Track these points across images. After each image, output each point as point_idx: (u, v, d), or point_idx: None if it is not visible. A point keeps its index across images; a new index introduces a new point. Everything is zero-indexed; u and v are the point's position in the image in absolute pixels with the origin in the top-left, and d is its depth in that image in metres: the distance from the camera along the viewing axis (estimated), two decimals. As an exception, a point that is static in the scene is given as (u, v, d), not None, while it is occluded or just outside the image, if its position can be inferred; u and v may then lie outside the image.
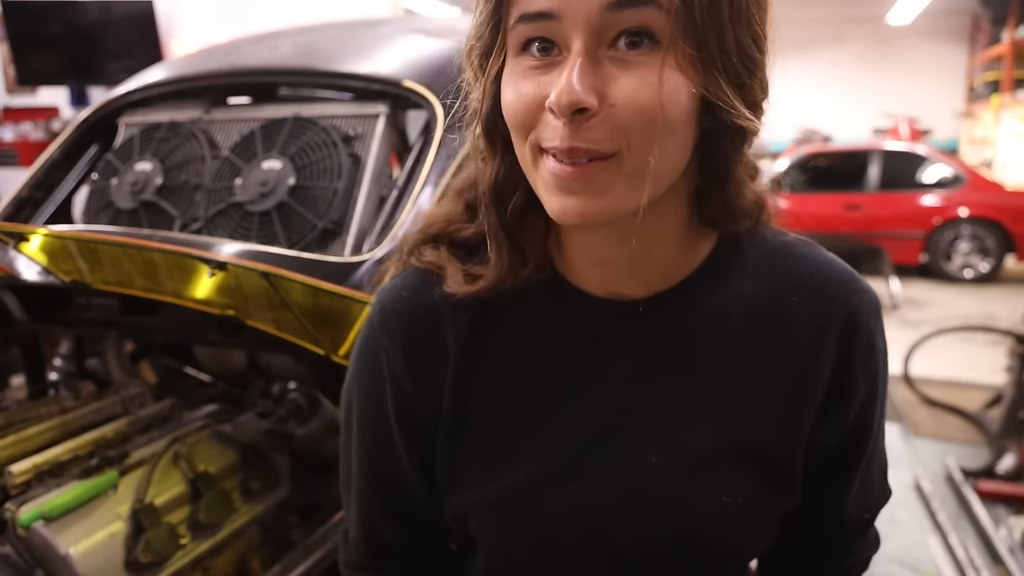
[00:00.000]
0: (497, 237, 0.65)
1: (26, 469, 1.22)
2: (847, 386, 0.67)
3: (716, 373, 0.66)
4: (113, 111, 1.80)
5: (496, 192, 0.64)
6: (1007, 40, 9.04)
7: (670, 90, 0.53)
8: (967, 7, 10.96)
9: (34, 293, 1.51)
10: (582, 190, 0.55)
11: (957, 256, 7.07)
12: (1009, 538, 2.58)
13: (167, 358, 1.94)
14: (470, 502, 0.68)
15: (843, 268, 0.68)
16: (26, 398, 1.68)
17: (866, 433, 0.70)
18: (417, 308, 0.68)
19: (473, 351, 0.67)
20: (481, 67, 0.61)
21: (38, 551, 1.13)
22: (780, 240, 0.69)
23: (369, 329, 0.70)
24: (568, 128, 0.53)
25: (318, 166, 1.49)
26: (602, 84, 0.53)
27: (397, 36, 1.72)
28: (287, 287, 1.15)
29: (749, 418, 0.66)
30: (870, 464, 0.72)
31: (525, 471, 0.66)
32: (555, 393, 0.67)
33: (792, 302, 0.66)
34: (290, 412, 1.52)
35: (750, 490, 0.65)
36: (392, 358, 0.68)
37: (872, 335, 0.67)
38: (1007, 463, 3.01)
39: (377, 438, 0.71)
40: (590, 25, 0.52)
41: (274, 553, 1.46)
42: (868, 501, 0.75)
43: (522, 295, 0.66)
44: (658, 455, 0.65)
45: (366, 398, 0.71)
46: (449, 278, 0.66)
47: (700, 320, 0.66)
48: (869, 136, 10.47)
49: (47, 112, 5.96)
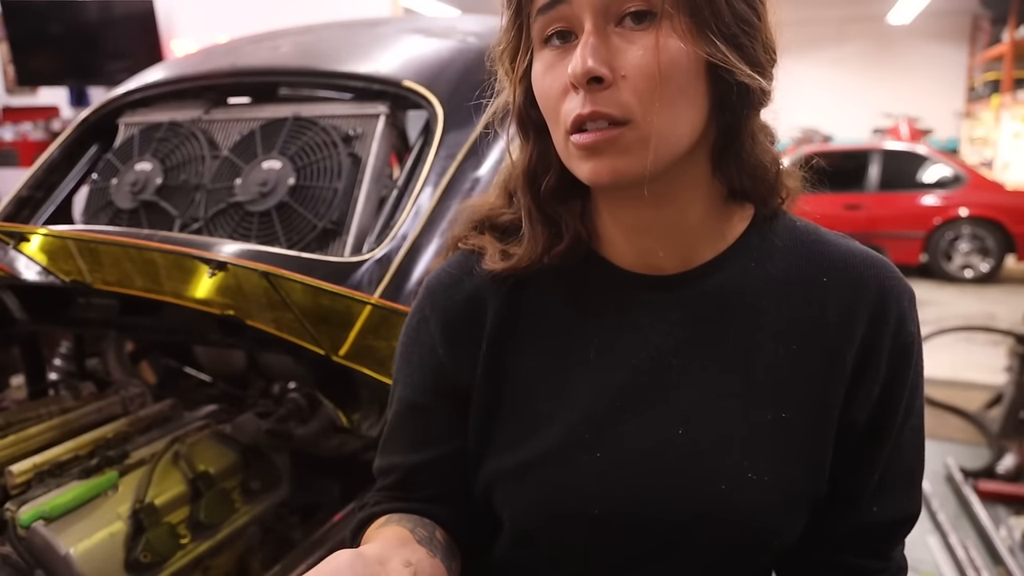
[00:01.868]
0: (531, 215, 0.71)
1: (26, 469, 1.22)
2: (872, 362, 0.67)
3: (746, 350, 0.68)
4: (113, 111, 1.80)
5: (530, 174, 0.70)
6: (1007, 40, 9.04)
7: (669, 56, 0.59)
8: (967, 7, 10.97)
9: (34, 293, 1.51)
10: (608, 150, 0.60)
11: (957, 256, 7.07)
12: (1009, 538, 2.58)
13: (167, 358, 1.94)
14: (500, 467, 0.70)
15: (876, 255, 0.70)
16: (26, 398, 1.68)
17: (891, 415, 0.68)
18: (458, 282, 0.74)
19: (508, 322, 0.72)
20: (512, 65, 0.68)
21: (38, 551, 1.13)
22: (811, 228, 0.72)
23: (416, 302, 0.77)
24: (587, 96, 0.59)
25: (318, 166, 1.49)
26: (612, 56, 0.59)
27: (397, 36, 1.72)
28: (287, 287, 1.15)
29: (777, 395, 0.67)
30: (896, 456, 0.70)
31: (556, 437, 0.68)
32: (586, 363, 0.70)
33: (823, 283, 0.68)
34: (290, 412, 1.52)
35: (777, 467, 0.66)
36: (431, 325, 0.74)
37: (903, 317, 0.68)
38: (1007, 463, 3.01)
39: (407, 397, 0.76)
40: (595, 4, 0.59)
41: (274, 553, 1.46)
42: (891, 504, 0.71)
43: (557, 271, 0.71)
44: (685, 427, 0.67)
45: (404, 363, 0.77)
46: (488, 256, 0.72)
47: (732, 297, 0.68)
48: (869, 136, 10.47)
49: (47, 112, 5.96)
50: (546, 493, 0.68)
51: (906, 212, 7.17)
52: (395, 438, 0.77)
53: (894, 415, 0.69)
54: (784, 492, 0.66)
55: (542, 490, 0.68)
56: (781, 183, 0.70)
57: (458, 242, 0.76)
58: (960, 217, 7.01)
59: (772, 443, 0.66)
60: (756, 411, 0.67)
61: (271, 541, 1.48)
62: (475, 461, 0.73)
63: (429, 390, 0.74)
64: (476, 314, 0.73)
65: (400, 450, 0.77)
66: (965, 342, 4.93)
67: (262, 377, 1.71)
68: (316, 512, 1.57)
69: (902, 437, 0.70)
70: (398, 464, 0.76)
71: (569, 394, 0.69)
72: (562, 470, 0.68)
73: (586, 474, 0.67)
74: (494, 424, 0.72)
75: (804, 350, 0.67)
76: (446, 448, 0.74)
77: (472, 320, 0.73)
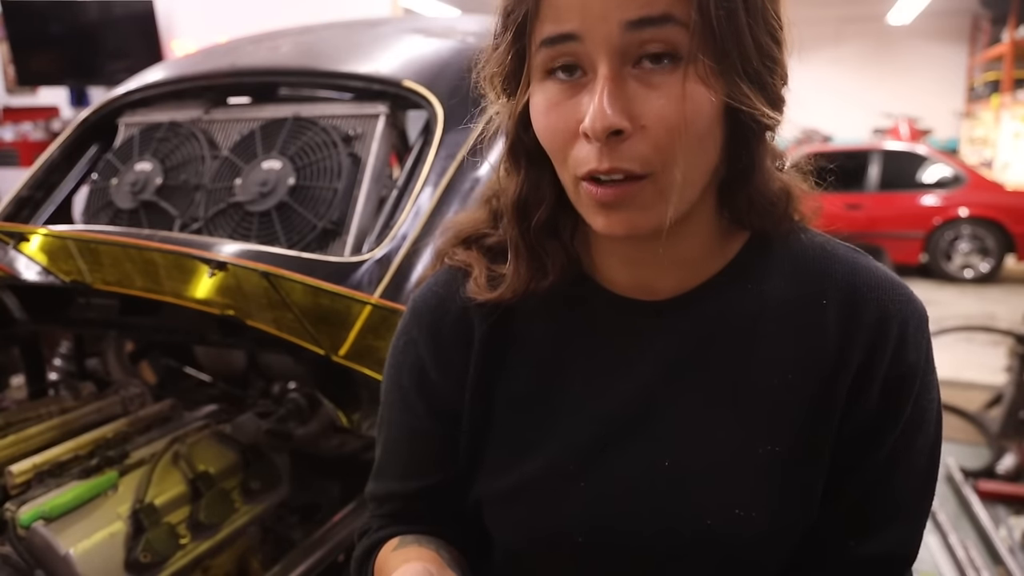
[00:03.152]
0: (517, 250, 0.67)
1: (26, 469, 1.22)
2: (864, 391, 0.62)
3: (738, 377, 0.64)
4: (113, 111, 1.80)
5: (520, 207, 0.66)
6: (1007, 40, 9.04)
7: (694, 105, 0.54)
8: (967, 7, 10.96)
9: (34, 293, 1.51)
10: (626, 206, 0.57)
11: (957, 256, 7.07)
12: (1009, 538, 2.58)
13: (167, 358, 1.94)
14: (489, 492, 0.69)
15: (883, 274, 0.65)
16: (26, 398, 1.68)
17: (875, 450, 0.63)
18: (445, 301, 0.71)
19: (497, 344, 0.70)
20: (505, 91, 0.63)
21: (38, 551, 1.13)
22: (818, 242, 0.68)
23: (402, 322, 0.75)
24: (604, 149, 0.54)
25: (318, 166, 1.49)
26: (631, 105, 0.54)
27: (397, 36, 1.71)
28: (287, 287, 1.15)
29: (769, 427, 0.63)
30: (888, 495, 0.64)
31: (541, 463, 0.66)
32: (575, 389, 0.67)
33: (822, 305, 0.64)
34: (290, 412, 1.52)
35: (765, 502, 0.63)
36: (419, 347, 0.72)
37: (903, 345, 0.62)
38: (1007, 463, 3.01)
39: (403, 422, 0.74)
40: (612, 44, 0.53)
41: (274, 553, 1.46)
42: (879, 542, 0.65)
43: (547, 293, 0.67)
44: (672, 459, 0.64)
45: (395, 386, 0.74)
46: (473, 279, 0.69)
47: (726, 321, 0.65)
48: (869, 136, 10.47)
49: (47, 112, 5.96)
50: (532, 519, 0.67)
51: (906, 212, 7.16)
52: (392, 464, 0.75)
53: (879, 448, 0.63)
54: (772, 527, 0.63)
55: (528, 516, 0.67)
56: (792, 210, 0.66)
57: (444, 257, 0.73)
58: (960, 217, 7.01)
59: (761, 477, 0.63)
60: (746, 444, 0.63)
61: (271, 541, 1.48)
62: (466, 481, 0.71)
63: (424, 414, 0.72)
64: (464, 336, 0.70)
65: (398, 476, 0.74)
66: (965, 342, 4.93)
67: (262, 377, 1.71)
68: (316, 512, 1.57)
69: (898, 475, 0.64)
70: (396, 492, 0.74)
71: (555, 422, 0.67)
72: (547, 498, 0.66)
73: (571, 503, 0.65)
74: (483, 447, 0.70)
75: (799, 379, 0.63)
76: (447, 472, 0.72)
77: (460, 342, 0.70)
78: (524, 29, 0.57)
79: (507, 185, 0.67)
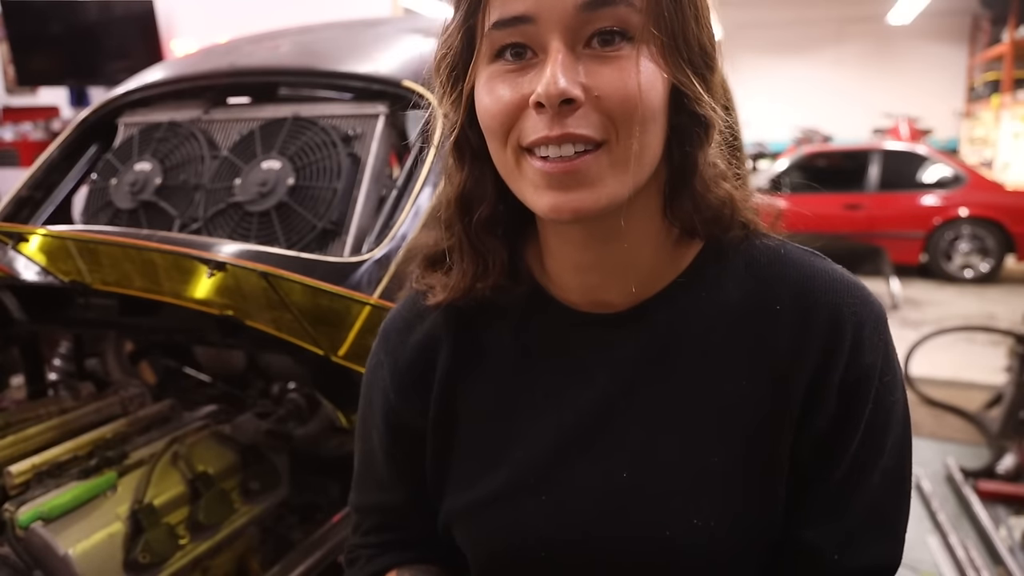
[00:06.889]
0: (460, 246, 0.67)
1: (25, 469, 1.22)
2: (820, 396, 0.61)
3: (694, 386, 0.64)
4: (113, 111, 1.80)
5: (462, 202, 0.66)
6: (1007, 40, 9.04)
7: (647, 78, 0.56)
8: (967, 7, 10.97)
9: (34, 293, 1.50)
10: (574, 184, 0.56)
11: (957, 256, 7.06)
12: (1009, 538, 2.58)
13: (167, 358, 1.93)
14: (453, 508, 0.70)
15: (839, 276, 0.64)
16: (26, 398, 1.68)
17: (840, 455, 0.62)
18: (410, 326, 0.73)
19: (459, 364, 0.71)
20: (450, 79, 0.62)
21: (37, 551, 1.12)
22: (773, 248, 0.67)
23: (375, 345, 0.77)
24: (556, 118, 0.55)
25: (317, 166, 1.49)
26: (584, 78, 0.55)
27: (397, 36, 1.71)
28: (286, 287, 1.15)
29: (726, 435, 0.62)
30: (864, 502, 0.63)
31: (503, 479, 0.67)
32: (534, 404, 0.68)
33: (775, 311, 0.63)
34: (290, 412, 1.52)
35: (724, 511, 0.62)
36: (384, 370, 0.74)
37: (859, 347, 0.61)
38: (1007, 463, 3.01)
39: (372, 438, 0.76)
40: (566, 25, 0.55)
41: (274, 553, 1.46)
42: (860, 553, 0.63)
43: (504, 310, 0.69)
44: (630, 470, 0.64)
45: (366, 403, 0.77)
46: (432, 293, 0.70)
47: (682, 332, 0.65)
48: (869, 136, 10.47)
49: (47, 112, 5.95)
50: (493, 534, 0.67)
51: (906, 212, 7.16)
52: (366, 476, 0.78)
53: (843, 455, 0.62)
54: (733, 536, 0.62)
55: (490, 531, 0.67)
56: (736, 220, 0.65)
57: (412, 281, 0.74)
58: (960, 217, 7.01)
59: (720, 486, 0.62)
60: (704, 453, 0.62)
61: (271, 541, 1.48)
62: (435, 500, 0.72)
63: (386, 432, 0.74)
64: (428, 358, 0.72)
65: (372, 488, 0.77)
66: (965, 342, 4.93)
67: (262, 377, 1.71)
68: (315, 512, 1.57)
69: (870, 481, 0.62)
70: (375, 503, 0.77)
71: (516, 436, 0.68)
72: (508, 513, 0.66)
73: (531, 517, 0.65)
74: (448, 465, 0.71)
75: (754, 385, 0.62)
76: (417, 485, 0.73)
77: (423, 365, 0.72)
78: (476, 9, 0.58)
79: (449, 185, 0.68)
